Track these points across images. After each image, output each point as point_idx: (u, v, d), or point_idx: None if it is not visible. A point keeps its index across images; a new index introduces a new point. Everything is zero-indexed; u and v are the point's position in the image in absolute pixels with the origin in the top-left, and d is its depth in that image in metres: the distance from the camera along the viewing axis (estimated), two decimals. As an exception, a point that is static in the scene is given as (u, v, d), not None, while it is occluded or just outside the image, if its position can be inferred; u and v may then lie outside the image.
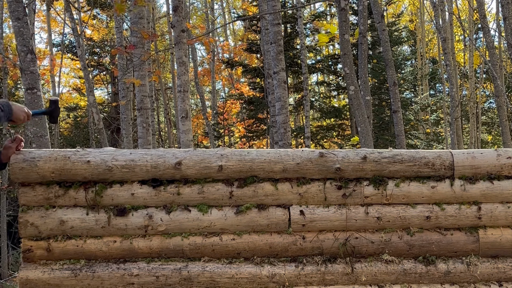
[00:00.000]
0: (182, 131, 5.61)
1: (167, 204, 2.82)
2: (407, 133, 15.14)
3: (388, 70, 9.95)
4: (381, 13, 10.15)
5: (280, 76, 7.41)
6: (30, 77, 5.04)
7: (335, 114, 17.69)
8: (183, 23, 5.60)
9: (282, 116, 7.41)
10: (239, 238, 2.82)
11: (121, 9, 6.05)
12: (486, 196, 2.92)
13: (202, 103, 19.99)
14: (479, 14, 11.53)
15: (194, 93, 23.87)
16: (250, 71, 17.47)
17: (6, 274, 12.47)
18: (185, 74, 5.62)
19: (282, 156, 2.85)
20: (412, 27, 25.04)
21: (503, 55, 17.49)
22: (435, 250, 2.89)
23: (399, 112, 9.79)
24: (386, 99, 16.22)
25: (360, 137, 7.44)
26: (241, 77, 23.12)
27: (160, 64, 19.41)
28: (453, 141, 11.95)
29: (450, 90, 12.25)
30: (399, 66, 17.29)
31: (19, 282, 2.74)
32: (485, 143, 22.45)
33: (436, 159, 2.91)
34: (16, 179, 2.76)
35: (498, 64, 12.38)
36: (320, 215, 2.86)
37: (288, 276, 2.80)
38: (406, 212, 2.89)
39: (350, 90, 7.26)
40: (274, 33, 7.48)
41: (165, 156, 2.80)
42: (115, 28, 12.70)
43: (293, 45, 17.08)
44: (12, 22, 5.14)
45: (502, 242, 2.91)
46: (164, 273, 2.76)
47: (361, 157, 2.87)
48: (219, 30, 25.87)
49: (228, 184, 2.83)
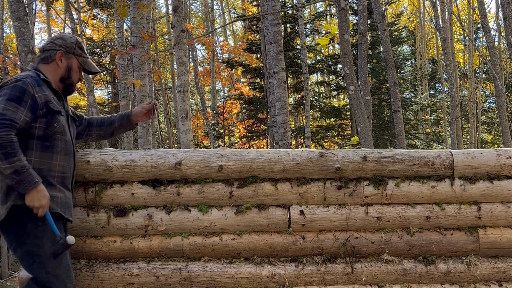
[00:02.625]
0: (182, 131, 5.61)
1: (167, 204, 2.82)
2: (407, 133, 15.14)
3: (389, 70, 9.95)
4: (382, 13, 10.16)
5: (280, 76, 7.41)
6: (30, 77, 5.04)
7: (335, 114, 17.68)
8: (183, 23, 5.60)
9: (282, 116, 7.41)
10: (239, 238, 2.83)
11: (124, 14, 6.07)
12: (486, 196, 2.92)
13: (202, 103, 20.00)
14: (479, 14, 11.54)
15: (194, 93, 23.87)
16: (250, 71, 17.47)
17: (6, 274, 12.47)
18: (185, 74, 5.63)
19: (282, 156, 2.85)
20: (412, 27, 25.04)
21: (503, 55, 17.50)
22: (435, 250, 2.89)
23: (399, 112, 9.80)
24: (386, 99, 16.22)
25: (360, 137, 7.44)
26: (241, 77, 23.12)
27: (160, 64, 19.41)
28: (453, 141, 11.96)
29: (450, 90, 12.26)
30: (399, 66, 17.28)
31: (19, 282, 2.74)
32: (485, 143, 22.44)
33: (436, 159, 2.91)
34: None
35: (498, 64, 12.38)
36: (320, 215, 2.86)
37: (288, 276, 2.80)
38: (406, 212, 2.90)
39: (350, 90, 7.26)
40: (274, 33, 7.49)
41: (165, 156, 2.80)
42: (116, 28, 12.71)
43: (293, 45, 17.08)
44: (13, 22, 5.14)
45: (502, 242, 2.92)
46: (164, 273, 2.76)
47: (361, 156, 2.87)
48: (219, 30, 25.89)
49: (228, 184, 2.84)
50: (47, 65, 2.62)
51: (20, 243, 2.40)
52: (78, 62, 2.68)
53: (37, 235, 2.41)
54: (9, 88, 2.40)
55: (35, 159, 2.44)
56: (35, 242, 2.41)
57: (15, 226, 2.40)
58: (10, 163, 2.30)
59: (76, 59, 2.67)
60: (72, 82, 2.68)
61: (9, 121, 2.33)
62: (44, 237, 2.41)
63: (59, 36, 2.71)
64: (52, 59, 2.62)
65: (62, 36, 2.71)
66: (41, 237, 2.41)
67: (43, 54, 2.63)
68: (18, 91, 2.40)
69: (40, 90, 2.48)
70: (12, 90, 2.40)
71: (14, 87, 2.41)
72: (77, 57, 2.68)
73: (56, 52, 2.62)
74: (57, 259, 2.42)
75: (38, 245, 2.40)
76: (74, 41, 2.69)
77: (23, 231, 2.40)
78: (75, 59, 2.67)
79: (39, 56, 2.65)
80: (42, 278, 2.40)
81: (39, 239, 2.41)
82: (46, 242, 2.40)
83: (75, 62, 2.67)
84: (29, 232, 2.40)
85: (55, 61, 2.62)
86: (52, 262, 2.41)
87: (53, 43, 2.65)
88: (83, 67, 2.72)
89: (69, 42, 2.66)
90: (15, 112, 2.36)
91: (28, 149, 2.43)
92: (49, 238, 2.40)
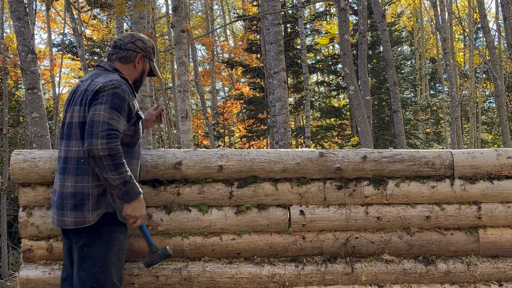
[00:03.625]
0: (182, 131, 5.61)
1: (167, 204, 2.82)
2: (407, 133, 15.12)
3: (389, 70, 9.95)
4: (382, 13, 10.15)
5: (280, 76, 7.41)
6: (30, 77, 5.05)
7: (335, 114, 17.68)
8: (183, 23, 5.60)
9: (282, 116, 7.41)
10: (239, 238, 2.83)
11: (122, 12, 6.07)
12: (486, 196, 2.92)
13: (202, 103, 19.99)
14: (479, 14, 11.53)
15: (194, 93, 23.86)
16: (250, 71, 17.47)
17: (6, 274, 12.47)
18: (185, 74, 5.63)
19: (282, 156, 2.85)
20: (410, 27, 25.02)
21: (503, 55, 17.49)
22: (435, 250, 2.89)
23: (399, 112, 9.79)
24: (386, 99, 16.20)
25: (360, 137, 7.44)
26: (241, 77, 23.11)
27: (160, 64, 19.40)
28: (453, 141, 11.94)
29: (450, 90, 12.24)
30: (399, 66, 17.27)
31: (20, 282, 2.74)
32: (485, 143, 22.44)
33: (436, 159, 2.91)
34: (17, 180, 2.76)
35: (498, 64, 12.38)
36: (320, 215, 2.86)
37: (288, 276, 2.80)
38: (406, 212, 2.90)
39: (350, 90, 7.25)
40: (274, 33, 7.49)
41: (165, 156, 2.80)
42: (115, 28, 12.70)
43: (293, 45, 17.07)
44: (13, 22, 5.14)
45: (502, 242, 2.92)
46: (164, 273, 2.76)
47: (361, 156, 2.87)
48: (219, 31, 25.88)
49: (228, 184, 2.84)
50: (124, 65, 2.59)
51: (105, 250, 2.41)
52: (149, 67, 2.69)
53: (123, 245, 2.49)
54: (110, 95, 2.36)
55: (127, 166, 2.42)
56: (120, 251, 2.46)
57: (103, 233, 2.41)
58: (119, 174, 2.31)
59: (149, 63, 2.68)
60: (141, 85, 2.70)
61: (116, 131, 2.32)
62: (120, 246, 2.47)
63: (139, 38, 2.67)
64: (131, 60, 2.60)
65: (142, 38, 2.68)
66: (123, 247, 2.49)
67: (122, 52, 2.59)
68: (118, 100, 2.38)
69: (132, 98, 2.50)
70: (113, 98, 2.37)
71: (115, 95, 2.37)
72: (151, 62, 2.69)
73: (136, 54, 2.60)
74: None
75: (118, 254, 2.45)
76: (152, 46, 2.68)
77: (109, 239, 2.42)
78: (149, 63, 2.68)
79: (116, 54, 2.60)
80: (100, 283, 2.38)
81: (123, 249, 2.48)
82: (115, 248, 2.45)
83: (148, 66, 2.68)
84: (115, 240, 2.44)
85: (133, 63, 2.61)
86: (117, 271, 2.45)
87: (134, 44, 2.61)
88: (151, 71, 2.72)
89: (148, 46, 2.66)
90: (119, 122, 2.36)
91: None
92: (117, 246, 2.45)
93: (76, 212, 2.37)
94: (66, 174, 2.41)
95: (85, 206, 2.37)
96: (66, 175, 2.41)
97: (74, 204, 2.37)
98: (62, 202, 2.40)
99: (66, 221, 2.38)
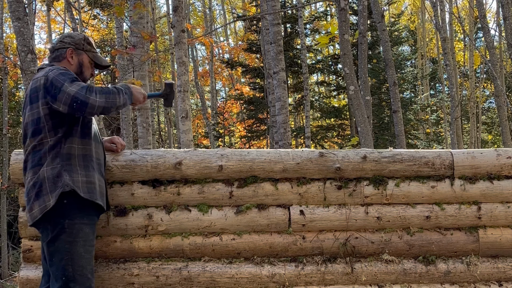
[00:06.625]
0: (182, 131, 5.61)
1: (167, 204, 2.82)
2: (407, 133, 15.12)
3: (388, 70, 9.95)
4: (381, 13, 10.15)
5: (280, 76, 7.42)
6: (30, 77, 5.04)
7: (335, 114, 17.67)
8: (183, 23, 5.60)
9: (282, 116, 7.41)
10: (239, 238, 2.83)
11: (121, 13, 6.08)
12: (486, 196, 2.93)
13: (202, 103, 19.98)
14: (479, 14, 11.54)
15: (194, 93, 23.86)
16: (250, 71, 17.46)
17: (6, 274, 12.46)
18: (185, 74, 5.63)
19: (282, 156, 2.85)
20: (413, 27, 25.02)
21: (503, 55, 17.48)
22: (435, 250, 2.89)
23: (399, 112, 9.79)
24: (386, 99, 16.20)
25: (360, 137, 7.44)
26: (241, 77, 23.11)
27: (160, 64, 19.40)
28: (453, 141, 11.95)
29: (450, 90, 12.25)
30: (399, 66, 17.26)
31: (19, 282, 2.74)
32: (485, 143, 22.43)
33: (436, 159, 2.91)
34: (17, 180, 2.76)
35: (498, 64, 12.38)
36: (320, 215, 2.86)
37: (288, 276, 2.80)
38: (406, 212, 2.90)
39: (350, 90, 7.25)
40: (274, 33, 7.49)
41: (165, 156, 2.80)
42: (115, 28, 12.71)
43: (293, 45, 17.06)
44: (13, 22, 5.14)
45: (502, 242, 2.92)
46: (164, 273, 2.76)
47: (361, 156, 2.87)
48: (219, 30, 25.88)
49: (228, 184, 2.84)
50: (59, 63, 2.66)
51: (69, 243, 2.42)
52: (88, 58, 2.73)
53: (89, 236, 2.50)
54: (54, 74, 2.47)
55: (78, 146, 2.52)
56: (87, 243, 2.47)
57: (66, 225, 2.43)
58: (120, 94, 2.53)
59: (86, 54, 2.73)
60: (85, 77, 2.74)
61: (75, 79, 2.46)
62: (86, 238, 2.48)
63: (67, 35, 2.77)
64: (63, 57, 2.68)
65: (69, 34, 2.78)
66: (89, 239, 2.50)
67: (54, 53, 2.69)
68: (64, 70, 2.51)
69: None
70: (59, 70, 2.50)
71: (59, 70, 2.50)
72: (87, 52, 2.73)
73: (66, 50, 2.67)
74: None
75: (84, 246, 2.46)
76: (82, 37, 2.74)
77: (72, 231, 2.44)
78: (85, 54, 2.72)
79: (50, 56, 2.71)
80: (69, 276, 2.40)
81: (90, 240, 2.49)
82: (80, 240, 2.45)
83: (85, 57, 2.72)
84: (79, 231, 2.45)
85: (66, 59, 2.68)
86: (88, 262, 2.47)
87: (62, 42, 2.70)
88: (94, 62, 2.77)
89: (77, 39, 2.72)
90: (72, 75, 2.50)
91: (72, 136, 2.51)
92: (82, 237, 2.45)
93: (39, 200, 2.43)
94: (25, 170, 2.52)
95: (44, 191, 2.43)
96: (25, 171, 2.52)
97: (36, 193, 2.44)
98: (28, 197, 2.48)
99: (35, 212, 2.44)
